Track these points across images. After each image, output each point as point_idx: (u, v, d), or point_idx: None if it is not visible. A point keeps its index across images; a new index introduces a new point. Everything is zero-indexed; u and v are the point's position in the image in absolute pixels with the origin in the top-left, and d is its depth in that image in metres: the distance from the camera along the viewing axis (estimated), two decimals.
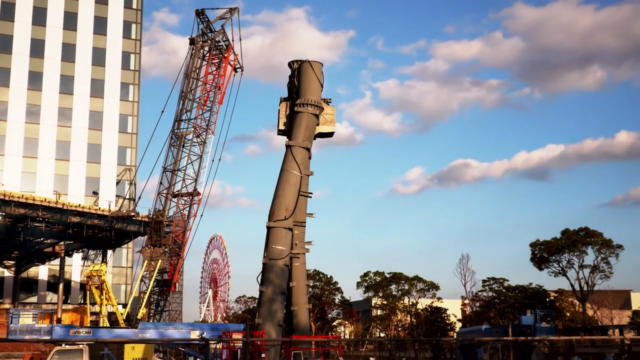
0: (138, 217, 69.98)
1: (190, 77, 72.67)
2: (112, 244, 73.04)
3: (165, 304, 77.51)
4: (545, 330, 44.43)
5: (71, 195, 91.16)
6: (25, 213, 60.26)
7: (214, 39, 74.28)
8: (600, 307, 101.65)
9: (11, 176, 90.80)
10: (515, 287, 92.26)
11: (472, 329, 59.44)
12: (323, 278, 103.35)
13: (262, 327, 40.24)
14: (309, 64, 47.13)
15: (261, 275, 42.39)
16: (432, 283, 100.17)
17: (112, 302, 66.94)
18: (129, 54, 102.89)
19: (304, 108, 45.96)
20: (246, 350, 30.89)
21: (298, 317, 44.45)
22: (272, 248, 42.33)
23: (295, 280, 44.48)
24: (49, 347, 40.21)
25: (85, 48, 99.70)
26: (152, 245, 70.98)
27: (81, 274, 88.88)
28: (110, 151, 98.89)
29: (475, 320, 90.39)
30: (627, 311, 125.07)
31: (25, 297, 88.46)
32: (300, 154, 45.13)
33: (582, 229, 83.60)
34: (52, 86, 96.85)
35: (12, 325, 37.72)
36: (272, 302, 41.19)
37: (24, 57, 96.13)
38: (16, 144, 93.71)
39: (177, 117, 72.78)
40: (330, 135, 48.57)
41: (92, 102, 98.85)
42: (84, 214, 64.57)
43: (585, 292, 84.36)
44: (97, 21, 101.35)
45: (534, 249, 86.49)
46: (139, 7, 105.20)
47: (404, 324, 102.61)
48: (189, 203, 73.27)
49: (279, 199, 43.78)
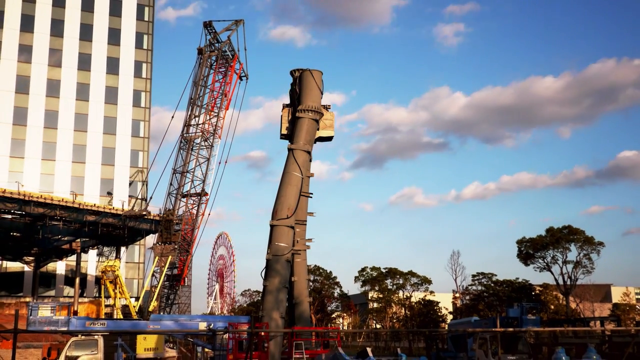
0: (149, 216, 69.96)
1: (199, 85, 72.70)
2: (125, 241, 72.99)
3: (175, 297, 77.51)
4: (531, 322, 44.38)
5: (87, 196, 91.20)
6: (44, 212, 60.24)
7: (221, 49, 74.31)
8: (583, 300, 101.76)
9: (31, 178, 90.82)
10: (503, 282, 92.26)
11: (463, 321, 59.36)
12: (323, 273, 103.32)
13: (266, 319, 40.23)
14: (309, 72, 47.11)
15: (265, 270, 42.38)
16: (425, 278, 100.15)
17: (125, 296, 66.94)
18: (140, 63, 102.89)
19: (305, 114, 45.94)
20: (251, 340, 30.87)
21: (299, 310, 44.43)
22: (275, 245, 42.30)
23: (297, 275, 44.46)
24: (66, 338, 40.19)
25: (99, 57, 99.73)
26: (162, 243, 70.95)
27: (96, 269, 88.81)
28: (124, 154, 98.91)
29: (465, 312, 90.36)
30: (607, 304, 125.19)
31: (44, 291, 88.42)
32: (302, 156, 45.11)
33: (566, 227, 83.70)
34: (69, 93, 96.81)
35: (31, 317, 37.69)
36: (275, 296, 41.15)
37: (42, 67, 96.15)
38: (35, 148, 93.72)
39: (186, 122, 72.80)
40: (330, 139, 48.51)
41: (107, 109, 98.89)
42: (99, 213, 64.56)
43: (569, 286, 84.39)
44: (110, 32, 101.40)
45: (520, 245, 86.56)
46: (150, 19, 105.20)
47: (398, 316, 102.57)
48: (197, 203, 73.26)
49: (281, 199, 43.75)
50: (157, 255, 70.74)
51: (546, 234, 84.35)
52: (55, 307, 39.03)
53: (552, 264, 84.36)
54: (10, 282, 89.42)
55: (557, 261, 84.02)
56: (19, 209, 59.66)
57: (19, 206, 59.19)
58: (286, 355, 39.95)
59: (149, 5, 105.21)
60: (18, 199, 58.72)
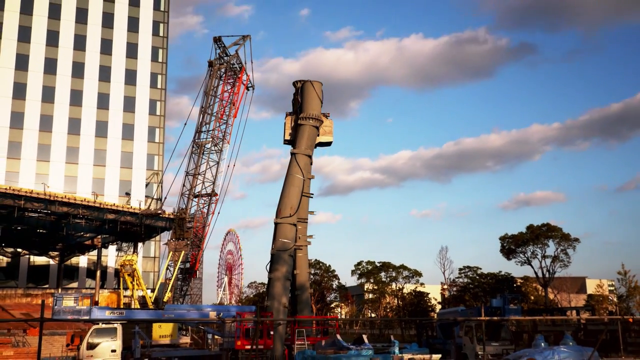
0: (164, 214, 69.89)
1: (209, 95, 72.63)
2: (142, 238, 72.91)
3: (188, 289, 77.41)
4: (513, 312, 44.44)
5: (107, 196, 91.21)
6: (68, 211, 60.22)
7: (229, 62, 74.27)
8: (560, 291, 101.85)
9: (56, 179, 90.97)
10: (487, 275, 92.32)
11: (450, 310, 59.39)
12: (322, 267, 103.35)
13: (270, 309, 40.22)
14: (310, 83, 47.17)
15: (270, 264, 42.40)
16: (416, 271, 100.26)
17: (142, 287, 66.90)
18: (156, 74, 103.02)
19: (306, 121, 45.99)
20: (257, 328, 30.88)
21: (301, 300, 44.46)
22: (279, 241, 42.33)
23: (299, 269, 44.48)
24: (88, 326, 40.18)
25: (119, 70, 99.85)
26: (176, 239, 70.84)
27: (115, 263, 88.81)
28: (140, 158, 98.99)
29: (453, 302, 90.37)
30: (582, 295, 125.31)
31: (67, 283, 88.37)
32: (303, 160, 45.15)
33: (545, 224, 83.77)
34: (90, 102, 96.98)
35: (56, 307, 37.63)
36: (279, 287, 41.17)
37: (66, 78, 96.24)
38: (60, 152, 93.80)
39: (198, 129, 72.73)
40: (329, 144, 48.56)
41: (125, 116, 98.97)
42: (118, 211, 64.52)
43: (547, 279, 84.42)
44: (128, 47, 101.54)
45: (503, 241, 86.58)
46: (165, 34, 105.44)
47: (392, 305, 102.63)
48: (208, 202, 73.18)
49: (284, 199, 43.79)
50: (171, 251, 70.64)
51: (527, 231, 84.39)
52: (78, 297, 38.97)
53: (532, 259, 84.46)
54: (37, 275, 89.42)
55: (536, 256, 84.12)
56: (45, 208, 59.66)
57: (45, 205, 59.19)
58: (289, 342, 39.95)
59: (163, 22, 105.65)
60: (44, 199, 58.74)
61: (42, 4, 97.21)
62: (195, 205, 72.78)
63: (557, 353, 27.37)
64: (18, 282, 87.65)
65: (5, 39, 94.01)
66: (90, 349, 34.66)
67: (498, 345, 40.18)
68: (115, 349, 35.14)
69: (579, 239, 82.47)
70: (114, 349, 35.14)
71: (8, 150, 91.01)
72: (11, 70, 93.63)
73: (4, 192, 56.00)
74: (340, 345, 35.93)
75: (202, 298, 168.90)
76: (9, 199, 55.89)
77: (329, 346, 36.38)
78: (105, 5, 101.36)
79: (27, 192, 57.65)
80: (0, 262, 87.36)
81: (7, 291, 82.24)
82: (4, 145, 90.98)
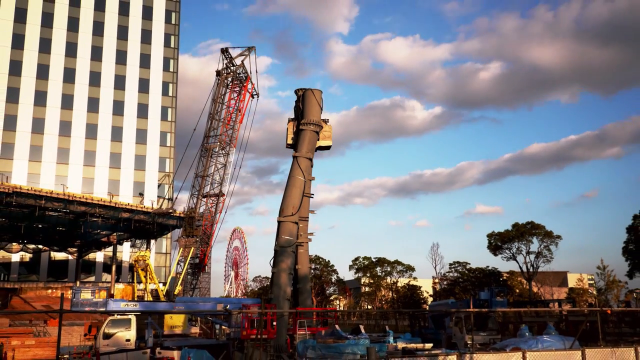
0: (175, 213, 69.91)
1: (217, 102, 72.66)
2: (154, 235, 72.93)
3: (197, 283, 77.42)
4: (499, 304, 44.42)
5: (122, 196, 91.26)
6: (85, 210, 60.23)
7: (236, 72, 74.33)
8: (543, 285, 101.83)
9: (74, 181, 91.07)
10: (475, 269, 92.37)
11: (441, 303, 59.32)
12: (322, 262, 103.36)
13: (274, 301, 40.21)
14: (311, 91, 47.15)
15: (273, 260, 42.38)
16: (409, 266, 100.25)
17: (155, 281, 66.89)
18: (167, 83, 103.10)
19: (307, 127, 45.97)
20: (261, 319, 30.88)
21: (302, 293, 44.44)
22: (281, 238, 42.32)
23: (300, 264, 44.45)
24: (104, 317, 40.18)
25: (133, 78, 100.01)
26: (186, 236, 70.86)
27: (130, 259, 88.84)
28: (153, 161, 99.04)
29: (443, 295, 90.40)
30: (564, 288, 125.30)
31: (85, 277, 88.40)
32: (304, 163, 45.14)
33: (529, 222, 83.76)
34: (106, 109, 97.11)
35: (74, 299, 37.59)
36: (282, 281, 41.16)
37: (84, 87, 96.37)
38: (78, 155, 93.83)
39: (206, 134, 72.73)
40: (328, 148, 48.51)
41: (139, 122, 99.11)
42: (132, 211, 64.53)
43: (531, 273, 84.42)
44: (142, 57, 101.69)
45: (490, 239, 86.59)
46: (176, 46, 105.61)
47: (387, 298, 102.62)
48: (216, 202, 73.20)
49: (287, 199, 43.76)
50: (182, 247, 70.66)
51: (512, 228, 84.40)
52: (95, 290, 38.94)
53: (517, 254, 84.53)
54: (57, 270, 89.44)
55: (521, 252, 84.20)
56: (64, 208, 59.68)
57: (64, 205, 59.21)
58: (291, 332, 39.95)
59: (174, 34, 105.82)
60: (63, 199, 58.76)
61: (61, 17, 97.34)
62: (204, 205, 72.82)
63: (540, 342, 27.34)
64: (39, 276, 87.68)
65: (27, 50, 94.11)
66: (106, 338, 34.65)
67: (486, 335, 40.18)
68: (130, 339, 35.13)
69: (560, 236, 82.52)
70: (129, 338, 35.13)
71: (30, 153, 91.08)
72: (33, 79, 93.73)
73: (26, 193, 56.01)
74: (339, 335, 35.95)
75: (210, 291, 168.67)
76: (31, 199, 55.92)
77: (329, 336, 36.40)
78: (120, 19, 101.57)
79: (47, 193, 57.67)
80: (23, 257, 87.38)
81: (29, 285, 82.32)
82: (26, 149, 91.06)
